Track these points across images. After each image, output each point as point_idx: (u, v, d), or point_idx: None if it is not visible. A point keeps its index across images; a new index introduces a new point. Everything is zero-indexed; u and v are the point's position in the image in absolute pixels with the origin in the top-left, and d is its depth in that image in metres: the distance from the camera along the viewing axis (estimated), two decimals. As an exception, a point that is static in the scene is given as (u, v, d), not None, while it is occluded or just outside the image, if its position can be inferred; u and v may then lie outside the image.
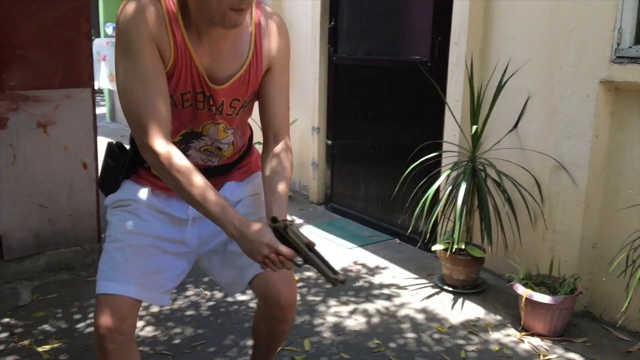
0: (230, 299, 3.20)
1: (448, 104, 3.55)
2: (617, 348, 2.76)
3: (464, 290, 3.30)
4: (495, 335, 2.88)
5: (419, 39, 3.90)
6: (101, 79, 8.04)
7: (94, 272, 1.94)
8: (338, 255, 3.86)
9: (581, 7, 2.85)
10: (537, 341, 2.82)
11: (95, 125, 3.49)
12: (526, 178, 3.23)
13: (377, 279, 3.50)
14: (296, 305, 1.86)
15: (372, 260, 3.80)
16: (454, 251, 3.20)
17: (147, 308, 3.08)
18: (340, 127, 4.75)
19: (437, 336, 2.86)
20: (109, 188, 1.80)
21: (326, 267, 1.46)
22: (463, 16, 3.44)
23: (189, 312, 3.06)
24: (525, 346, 2.78)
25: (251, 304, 3.14)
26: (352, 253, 3.92)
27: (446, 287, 3.35)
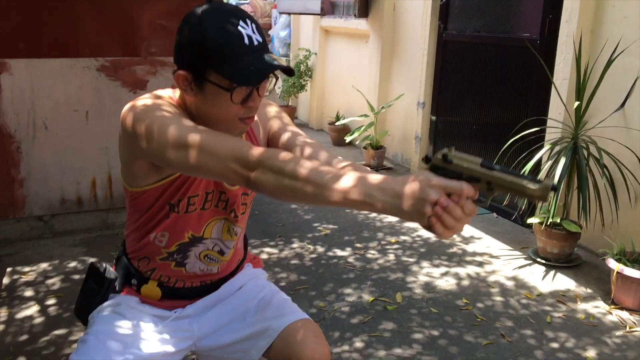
0: (330, 253, 3.50)
1: (554, 82, 3.60)
2: None
3: (557, 263, 3.38)
4: (583, 305, 2.97)
5: (530, 17, 3.94)
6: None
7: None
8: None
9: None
10: (626, 314, 2.88)
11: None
12: (629, 158, 3.24)
13: (471, 248, 3.66)
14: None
15: (467, 230, 3.95)
16: (549, 225, 3.29)
17: (257, 254, 3.45)
18: (444, 103, 4.88)
19: (525, 301, 2.99)
20: (87, 314, 1.58)
21: (526, 180, 1.07)
22: (575, -6, 3.46)
23: (294, 262, 3.39)
24: (612, 318, 2.85)
25: (350, 259, 3.43)
26: (449, 223, 4.09)
27: (539, 260, 3.44)
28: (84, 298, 1.60)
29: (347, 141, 5.98)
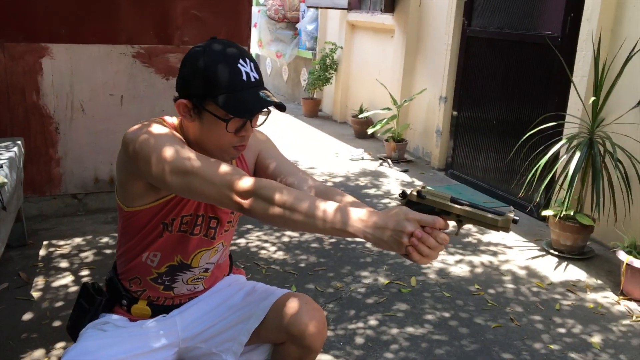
0: (349, 239, 3.63)
1: (574, 79, 3.68)
2: None
3: (570, 255, 3.47)
4: (592, 295, 3.06)
5: (552, 15, 4.02)
6: (250, 44, 8.78)
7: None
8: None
9: None
10: (634, 305, 2.97)
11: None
12: (644, 154, 3.32)
13: (486, 238, 3.77)
14: (326, 328, 1.66)
15: (484, 221, 4.05)
16: (563, 217, 3.38)
17: (280, 237, 3.60)
18: (466, 98, 4.97)
19: (535, 289, 3.10)
20: (77, 332, 1.64)
21: (490, 214, 1.23)
22: (597, -7, 3.54)
23: (314, 245, 3.54)
24: (620, 308, 2.94)
25: (367, 244, 3.56)
26: (466, 214, 4.19)
27: (552, 251, 3.54)
28: (76, 316, 1.68)
29: (369, 133, 6.11)
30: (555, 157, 3.48)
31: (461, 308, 2.87)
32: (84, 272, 3.03)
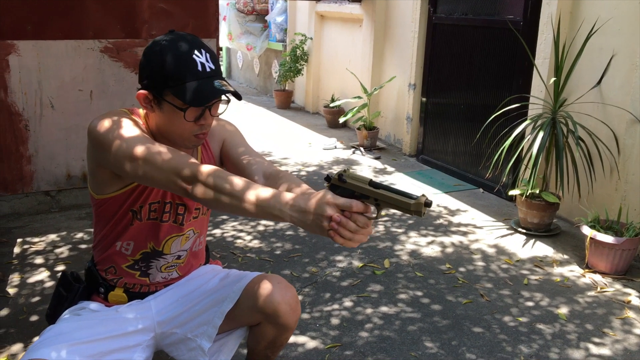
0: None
1: (535, 62, 3.78)
2: (676, 290, 2.97)
3: (537, 232, 3.58)
4: (559, 270, 3.17)
5: (514, 0, 4.11)
6: (220, 37, 8.75)
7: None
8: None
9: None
10: (598, 277, 3.08)
11: (217, 70, 4.07)
12: (605, 132, 3.43)
13: (456, 219, 3.86)
14: (299, 305, 1.69)
15: (454, 204, 4.15)
16: (529, 196, 3.49)
17: (255, 226, 3.65)
18: (434, 85, 5.06)
19: (505, 266, 3.20)
20: (56, 318, 1.68)
21: (404, 197, 1.24)
22: (555, -23, 3.63)
23: (289, 232, 3.59)
24: (585, 280, 3.05)
25: (341, 230, 3.61)
26: (436, 197, 4.29)
27: (520, 230, 3.64)
28: (54, 303, 1.72)
29: (341, 122, 6.17)
30: (520, 138, 3.58)
31: (433, 287, 2.95)
32: (60, 268, 3.03)
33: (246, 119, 6.96)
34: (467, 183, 4.60)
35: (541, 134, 3.37)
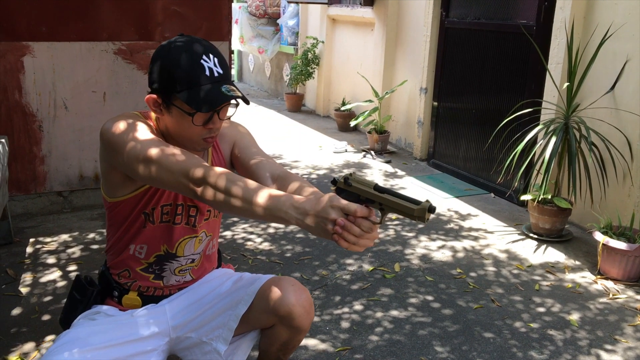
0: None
1: (549, 66, 3.76)
2: (690, 297, 2.94)
3: (549, 238, 3.56)
4: (570, 276, 3.15)
5: (527, 4, 4.10)
6: (232, 40, 8.79)
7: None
8: (433, 202, 4.24)
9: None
10: (610, 284, 3.06)
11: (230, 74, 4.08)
12: (618, 138, 3.41)
13: (467, 224, 3.85)
14: (313, 308, 1.69)
15: (465, 208, 4.14)
16: (541, 201, 3.47)
17: (265, 228, 3.65)
18: (446, 89, 5.05)
19: (516, 272, 3.18)
20: (70, 323, 1.68)
21: (408, 202, 1.24)
22: (569, -18, 3.62)
23: (299, 235, 3.59)
24: (597, 287, 3.03)
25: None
26: (447, 202, 4.28)
27: (532, 235, 3.62)
28: (68, 307, 1.73)
29: (352, 126, 6.17)
30: (532, 143, 3.56)
31: (443, 291, 2.94)
32: (72, 268, 3.06)
33: (257, 122, 6.98)
34: (478, 188, 4.58)
35: (554, 139, 3.35)
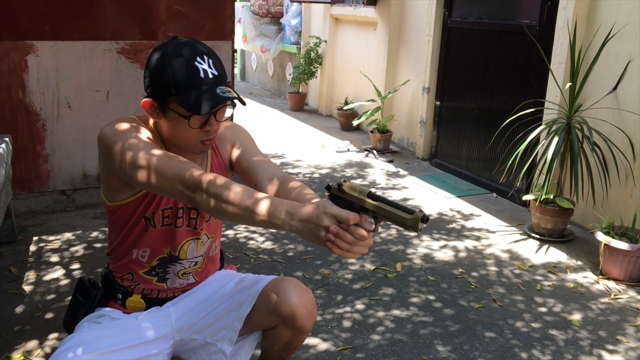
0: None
1: (551, 67, 3.76)
2: (691, 298, 2.94)
3: (551, 238, 3.56)
4: (572, 276, 3.15)
5: (529, 4, 4.10)
6: (234, 40, 8.81)
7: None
8: (435, 203, 4.24)
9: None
10: (612, 284, 3.06)
11: (233, 72, 4.10)
12: (621, 138, 3.41)
13: (469, 224, 3.85)
14: (316, 308, 1.70)
15: (467, 208, 4.14)
16: (543, 201, 3.47)
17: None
18: (449, 88, 5.05)
19: (517, 272, 3.18)
20: (74, 325, 1.68)
21: (401, 211, 1.21)
22: (572, -18, 3.62)
23: (301, 234, 3.59)
24: (599, 287, 3.03)
25: (354, 232, 3.62)
26: (449, 202, 4.28)
27: (534, 235, 3.63)
28: (72, 310, 1.72)
29: (355, 125, 6.18)
30: (534, 143, 3.56)
31: (445, 291, 2.95)
32: (75, 266, 3.07)
33: (260, 121, 6.99)
34: (481, 187, 4.58)
35: (556, 139, 3.35)
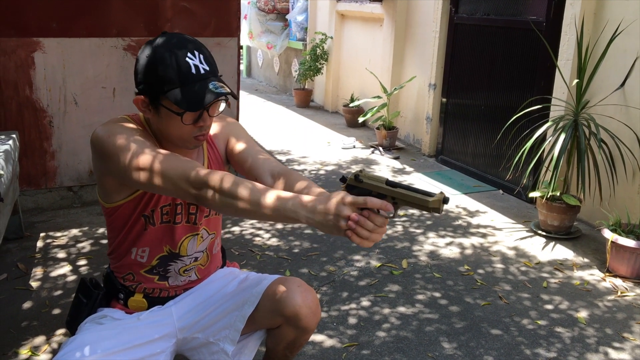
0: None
1: (558, 63, 3.74)
2: (699, 296, 2.93)
3: (557, 235, 3.55)
4: (579, 273, 3.14)
5: (536, 0, 4.08)
6: (240, 36, 8.80)
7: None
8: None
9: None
10: (619, 281, 3.05)
11: (239, 69, 4.10)
12: (628, 135, 3.39)
13: (475, 221, 3.84)
14: (320, 308, 1.70)
15: (473, 205, 4.13)
16: (549, 198, 3.46)
17: (273, 224, 3.67)
18: (455, 85, 5.03)
19: (524, 269, 3.18)
20: (76, 326, 1.68)
21: (421, 194, 1.24)
22: (579, -22, 3.60)
23: (307, 231, 3.60)
24: (606, 284, 3.02)
25: (360, 229, 3.61)
26: (455, 198, 4.27)
27: (540, 232, 3.62)
28: (74, 310, 1.71)
29: (361, 122, 6.17)
30: (541, 140, 3.55)
31: (451, 288, 2.94)
32: (82, 262, 3.08)
33: (265, 118, 6.99)
34: (487, 184, 4.57)
35: (563, 136, 3.34)
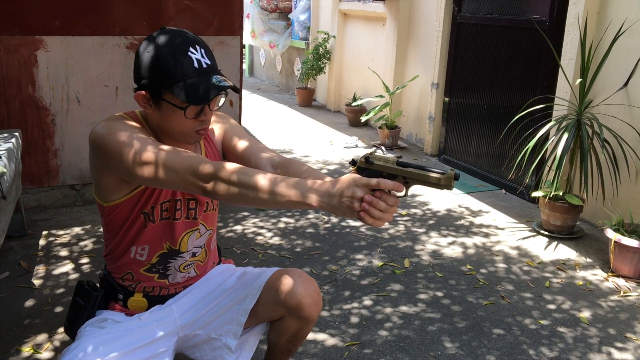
0: (343, 224, 3.70)
1: (562, 62, 3.74)
2: (702, 296, 2.92)
3: (560, 235, 3.55)
4: (582, 273, 3.13)
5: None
6: (243, 35, 8.80)
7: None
8: (443, 199, 4.23)
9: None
10: (622, 281, 3.04)
11: (241, 68, 4.09)
12: (631, 134, 3.38)
13: (478, 220, 3.84)
14: (321, 299, 1.72)
15: (476, 204, 4.13)
16: (552, 198, 3.45)
17: (276, 223, 3.66)
18: (457, 84, 5.02)
19: (526, 268, 3.17)
20: (76, 330, 1.65)
21: (432, 173, 1.27)
22: (583, -23, 3.59)
23: (309, 230, 3.60)
24: (608, 284, 3.02)
25: (362, 229, 3.62)
26: (458, 198, 4.27)
27: (543, 232, 3.61)
28: (72, 314, 1.69)
29: (363, 121, 6.17)
30: (544, 140, 3.54)
31: (453, 287, 2.94)
32: (84, 260, 3.08)
33: (268, 117, 6.99)
34: (489, 184, 4.57)
35: (566, 136, 3.33)
